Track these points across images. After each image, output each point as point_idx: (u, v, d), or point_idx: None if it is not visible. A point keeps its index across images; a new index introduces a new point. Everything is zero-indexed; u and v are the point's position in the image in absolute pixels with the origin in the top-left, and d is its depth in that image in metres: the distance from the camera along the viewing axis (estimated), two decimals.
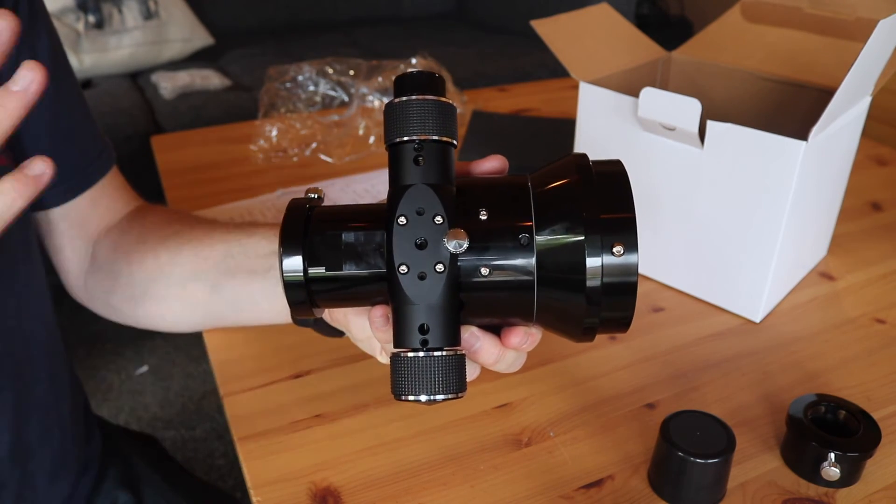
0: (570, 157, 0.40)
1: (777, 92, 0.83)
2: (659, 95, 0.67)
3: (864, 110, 0.76)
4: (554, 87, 1.39)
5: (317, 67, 1.18)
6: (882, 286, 0.78)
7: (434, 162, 0.39)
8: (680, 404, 0.61)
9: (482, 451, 0.56)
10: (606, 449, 0.57)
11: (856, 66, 0.59)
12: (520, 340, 0.41)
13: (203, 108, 1.87)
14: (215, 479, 1.54)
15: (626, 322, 0.38)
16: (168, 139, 1.18)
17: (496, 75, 2.13)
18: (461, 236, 0.37)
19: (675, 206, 0.73)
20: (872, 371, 0.65)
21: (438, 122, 0.39)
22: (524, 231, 0.37)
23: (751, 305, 0.72)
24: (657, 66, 0.89)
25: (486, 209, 0.38)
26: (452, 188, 0.39)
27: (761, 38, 0.85)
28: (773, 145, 0.64)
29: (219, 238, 0.58)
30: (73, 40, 1.91)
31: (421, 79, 0.39)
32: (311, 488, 0.53)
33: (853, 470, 0.53)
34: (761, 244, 0.68)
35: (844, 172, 0.79)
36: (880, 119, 1.49)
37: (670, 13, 3.18)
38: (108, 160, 0.64)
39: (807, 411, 0.55)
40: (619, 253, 0.36)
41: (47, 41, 0.58)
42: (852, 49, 0.77)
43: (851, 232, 0.88)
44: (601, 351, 0.67)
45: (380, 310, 0.40)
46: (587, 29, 0.82)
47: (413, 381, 0.38)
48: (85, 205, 0.62)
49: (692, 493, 0.51)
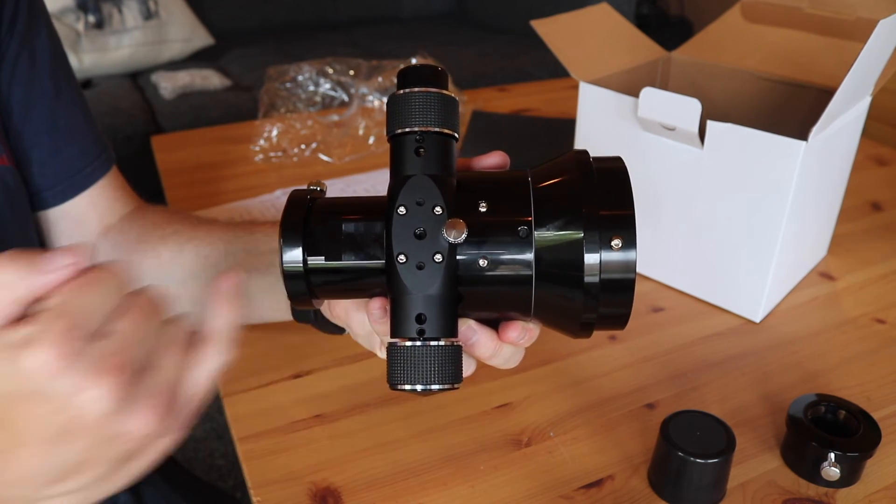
0: (571, 152, 0.40)
1: (777, 92, 0.83)
2: (659, 95, 0.67)
3: (864, 110, 0.76)
4: (554, 87, 1.39)
5: (317, 67, 1.18)
6: (882, 286, 0.78)
7: (435, 153, 0.39)
8: (680, 404, 0.61)
9: (482, 451, 0.56)
10: (606, 449, 0.57)
11: (856, 66, 0.59)
12: (517, 335, 0.41)
13: (203, 108, 1.87)
14: (215, 479, 1.54)
15: (624, 319, 0.38)
16: (168, 139, 1.18)
17: (496, 75, 2.13)
18: (460, 227, 0.37)
19: (675, 206, 0.73)
20: (872, 371, 0.65)
21: (441, 114, 0.39)
22: (523, 224, 0.37)
23: (751, 305, 0.71)
24: (657, 66, 0.89)
25: (486, 202, 0.38)
26: (453, 180, 0.39)
27: (761, 38, 0.85)
28: (773, 145, 0.64)
29: (219, 236, 0.58)
30: (73, 40, 1.91)
31: (424, 72, 0.40)
32: (311, 488, 0.53)
33: (853, 470, 0.53)
34: (761, 244, 0.68)
35: (844, 172, 0.79)
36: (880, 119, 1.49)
37: (670, 13, 3.18)
38: (108, 160, 0.64)
39: (807, 411, 0.55)
40: (618, 248, 0.36)
41: (47, 41, 0.58)
42: (852, 49, 0.77)
43: (851, 232, 0.88)
44: (601, 351, 0.67)
45: (378, 301, 0.41)
46: (587, 29, 0.82)
47: (409, 371, 0.38)
48: (84, 204, 0.62)
49: (692, 493, 0.51)
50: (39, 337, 0.28)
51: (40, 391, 0.29)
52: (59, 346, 0.28)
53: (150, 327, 0.32)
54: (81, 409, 0.29)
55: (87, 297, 0.30)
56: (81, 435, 0.30)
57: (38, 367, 0.28)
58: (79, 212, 0.62)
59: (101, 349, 0.30)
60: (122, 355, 0.30)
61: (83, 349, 0.29)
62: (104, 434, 0.30)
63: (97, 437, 0.30)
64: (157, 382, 0.32)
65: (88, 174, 0.61)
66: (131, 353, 0.31)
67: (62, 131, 0.59)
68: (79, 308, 0.30)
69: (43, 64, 0.58)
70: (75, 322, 0.29)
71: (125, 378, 0.30)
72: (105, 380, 0.29)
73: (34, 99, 0.57)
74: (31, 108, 0.57)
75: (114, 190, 0.64)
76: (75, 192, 0.61)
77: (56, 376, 0.28)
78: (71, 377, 0.29)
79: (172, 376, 0.33)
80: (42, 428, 0.30)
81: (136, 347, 0.31)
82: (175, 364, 0.33)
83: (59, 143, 0.59)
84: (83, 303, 0.30)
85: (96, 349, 0.29)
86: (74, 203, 0.61)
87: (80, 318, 0.30)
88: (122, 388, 0.30)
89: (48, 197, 0.60)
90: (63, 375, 0.28)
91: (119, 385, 0.29)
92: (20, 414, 0.30)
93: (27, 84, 0.57)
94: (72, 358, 0.29)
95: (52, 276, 0.30)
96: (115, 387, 0.29)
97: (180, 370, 0.33)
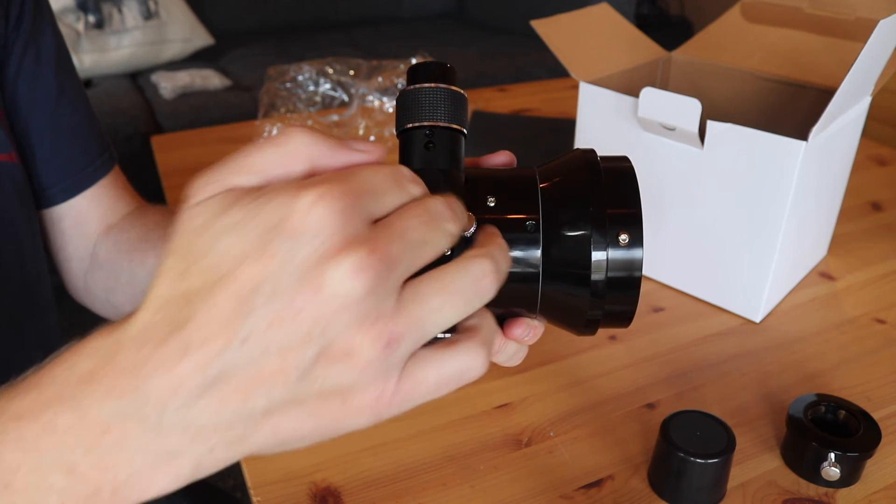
0: (578, 151, 0.40)
1: (777, 92, 0.83)
2: (659, 95, 0.67)
3: (864, 110, 0.76)
4: (554, 87, 1.39)
5: (317, 67, 1.18)
6: (882, 286, 0.78)
7: (444, 148, 0.39)
8: (680, 404, 0.61)
9: (482, 451, 0.56)
10: (606, 449, 0.57)
11: (856, 66, 0.59)
12: (521, 332, 0.41)
13: (203, 108, 1.87)
14: (215, 479, 1.53)
15: (630, 316, 0.39)
16: (168, 139, 1.18)
17: (496, 75, 2.13)
18: (469, 221, 0.37)
19: (675, 206, 0.73)
20: (872, 371, 0.65)
21: (450, 109, 0.39)
22: (531, 220, 0.38)
23: (751, 305, 0.71)
24: (657, 66, 0.89)
25: (495, 197, 0.38)
26: (462, 175, 0.39)
27: (761, 38, 0.85)
28: (773, 145, 0.64)
29: None
30: (73, 40, 1.91)
31: (434, 68, 0.40)
32: (311, 488, 0.53)
33: (853, 470, 0.53)
34: (761, 244, 0.68)
35: (844, 172, 0.79)
36: (880, 119, 1.49)
37: (670, 13, 3.18)
38: (111, 159, 0.64)
39: (807, 411, 0.55)
40: (625, 245, 0.36)
41: (52, 40, 0.59)
42: (852, 49, 0.77)
43: (851, 232, 0.88)
44: (601, 351, 0.67)
45: None
46: (587, 29, 0.82)
47: None
48: (86, 203, 0.62)
49: (692, 493, 0.51)
50: (320, 185, 0.24)
51: (289, 244, 0.24)
52: (339, 199, 0.24)
53: (438, 236, 0.27)
54: (320, 278, 0.24)
55: (378, 178, 0.26)
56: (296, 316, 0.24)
57: (302, 215, 0.24)
58: (80, 211, 0.62)
59: (378, 231, 0.25)
60: (398, 247, 0.25)
61: (360, 216, 0.25)
62: (321, 328, 0.24)
63: (309, 329, 0.24)
64: (420, 307, 0.26)
65: (90, 173, 0.61)
66: (408, 252, 0.26)
67: (65, 130, 0.60)
68: (368, 184, 0.26)
69: (48, 62, 0.58)
70: (361, 192, 0.25)
71: (390, 272, 0.25)
72: (370, 259, 0.24)
73: (38, 97, 0.58)
74: (36, 105, 0.58)
75: (115, 189, 0.64)
76: (77, 191, 0.61)
77: (318, 233, 0.24)
78: (333, 239, 0.24)
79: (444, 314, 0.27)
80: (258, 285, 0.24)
81: (415, 251, 0.26)
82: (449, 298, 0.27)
83: (62, 142, 0.59)
84: (374, 181, 0.26)
85: (372, 229, 0.25)
86: (76, 202, 0.61)
87: (367, 192, 0.25)
88: (382, 282, 0.24)
89: (50, 195, 0.60)
90: (327, 229, 0.24)
91: (381, 275, 0.24)
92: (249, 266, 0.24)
93: (32, 82, 0.57)
94: (346, 217, 0.24)
95: (348, 155, 0.27)
96: (375, 273, 0.24)
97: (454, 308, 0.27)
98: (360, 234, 0.25)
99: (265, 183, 0.27)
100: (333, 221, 0.24)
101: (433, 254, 0.27)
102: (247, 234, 0.25)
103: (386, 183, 0.27)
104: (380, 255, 0.24)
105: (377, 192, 0.26)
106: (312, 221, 0.24)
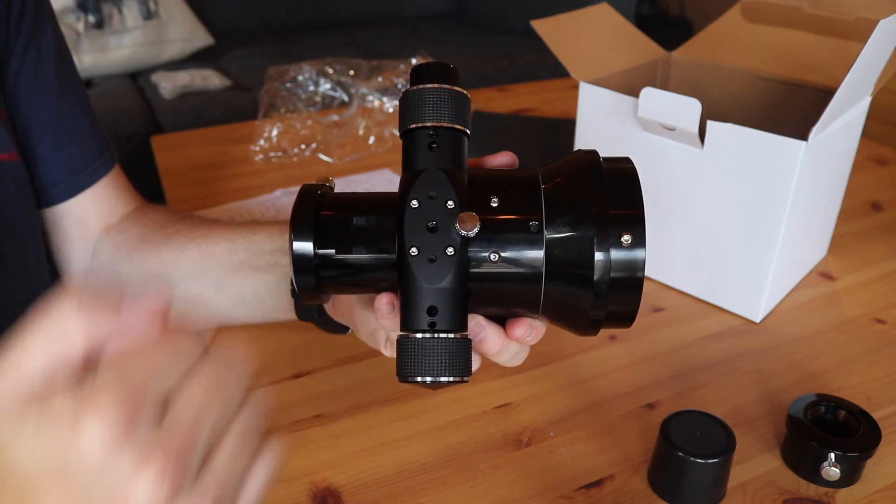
0: (580, 152, 0.40)
1: (777, 92, 0.83)
2: (659, 95, 0.67)
3: (864, 110, 0.76)
4: (554, 87, 1.39)
5: (317, 67, 1.18)
6: (882, 286, 0.78)
7: (447, 148, 0.39)
8: (680, 404, 0.61)
9: (482, 451, 0.56)
10: (606, 449, 0.57)
11: (856, 66, 0.59)
12: (524, 332, 0.41)
13: (203, 108, 1.87)
14: None
15: (632, 316, 0.39)
16: (168, 139, 1.18)
17: (496, 75, 2.13)
18: (473, 221, 0.37)
19: (675, 206, 0.73)
20: (872, 371, 0.65)
21: (453, 110, 0.39)
22: (534, 220, 0.38)
23: (751, 305, 0.71)
24: (657, 66, 0.89)
25: (498, 197, 0.38)
26: (465, 175, 0.39)
27: (761, 38, 0.85)
28: (773, 145, 0.64)
29: (222, 235, 0.58)
30: (73, 40, 1.91)
31: (437, 69, 0.40)
32: (311, 488, 0.53)
33: (853, 470, 0.53)
34: (761, 244, 0.68)
35: (844, 172, 0.79)
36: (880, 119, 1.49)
37: (670, 13, 3.18)
38: (111, 159, 0.64)
39: (807, 411, 0.55)
40: (628, 246, 0.36)
41: (53, 39, 0.59)
42: (852, 49, 0.77)
43: (851, 232, 0.88)
44: (601, 351, 0.67)
45: (386, 297, 0.41)
46: (587, 29, 0.82)
47: (419, 363, 0.38)
48: (86, 203, 0.62)
49: (692, 493, 0.51)
50: (96, 406, 0.25)
51: (85, 469, 0.25)
52: (117, 419, 0.25)
53: (220, 404, 0.28)
54: (128, 497, 0.25)
55: (154, 360, 0.27)
56: None
57: (90, 441, 0.25)
58: (81, 210, 0.62)
59: (165, 425, 0.26)
60: (185, 435, 0.27)
61: (144, 423, 0.26)
62: None
63: None
64: (217, 476, 0.28)
65: (91, 172, 0.61)
66: (195, 433, 0.27)
67: (66, 129, 0.60)
68: (144, 373, 0.27)
69: (48, 61, 0.58)
70: (138, 389, 0.26)
71: (184, 466, 0.26)
72: (163, 465, 0.25)
73: (39, 96, 0.58)
74: (37, 104, 0.58)
75: (116, 189, 0.64)
76: (78, 190, 0.61)
77: (109, 455, 0.25)
78: (126, 457, 0.25)
79: (234, 472, 0.29)
80: None
81: (201, 427, 0.27)
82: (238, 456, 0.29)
83: (63, 141, 0.59)
84: (149, 366, 0.27)
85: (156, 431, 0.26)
86: (77, 201, 0.61)
87: (143, 385, 0.26)
88: (180, 479, 0.26)
89: (51, 194, 0.60)
90: (118, 454, 0.25)
91: (177, 473, 0.26)
92: (51, 494, 0.26)
93: (33, 81, 0.57)
94: (130, 434, 0.25)
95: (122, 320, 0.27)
96: (171, 476, 0.26)
97: (243, 465, 0.29)
98: (149, 443, 0.26)
99: (49, 378, 0.27)
100: (121, 443, 0.25)
101: (223, 424, 0.29)
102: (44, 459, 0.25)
103: (165, 365, 0.28)
104: (174, 459, 0.26)
105: (158, 378, 0.27)
106: (98, 451, 0.25)
